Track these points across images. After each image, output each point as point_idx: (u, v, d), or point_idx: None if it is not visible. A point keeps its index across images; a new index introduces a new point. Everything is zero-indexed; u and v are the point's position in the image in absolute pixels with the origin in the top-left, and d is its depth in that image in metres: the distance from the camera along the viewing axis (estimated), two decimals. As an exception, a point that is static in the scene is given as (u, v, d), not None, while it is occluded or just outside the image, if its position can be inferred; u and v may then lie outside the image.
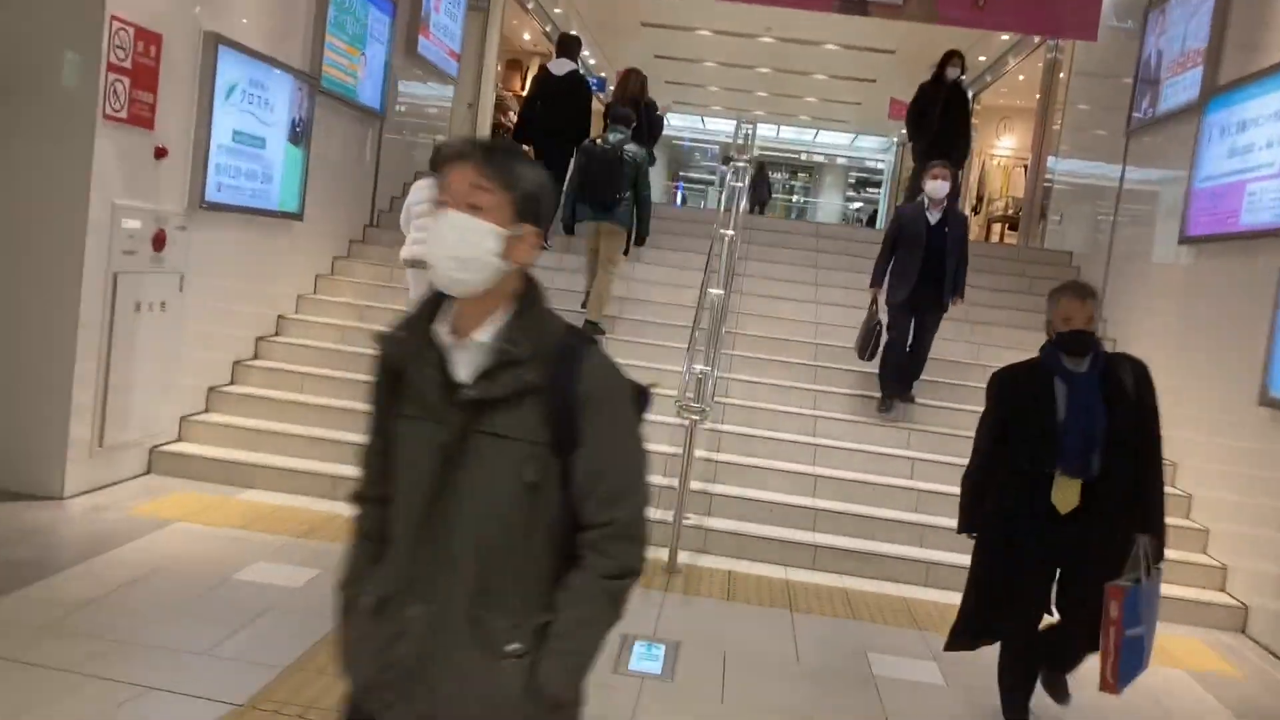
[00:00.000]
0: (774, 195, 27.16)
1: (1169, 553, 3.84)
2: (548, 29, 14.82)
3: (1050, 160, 11.47)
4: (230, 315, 6.77)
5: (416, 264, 6.67)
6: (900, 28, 14.31)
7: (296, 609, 4.26)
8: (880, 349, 7.04)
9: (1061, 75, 11.59)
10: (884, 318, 7.04)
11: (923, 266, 6.82)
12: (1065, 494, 3.49)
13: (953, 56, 9.07)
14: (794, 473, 6.48)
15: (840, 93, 19.99)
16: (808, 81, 19.23)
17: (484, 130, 12.37)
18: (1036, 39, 12.40)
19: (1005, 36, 13.33)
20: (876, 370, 7.20)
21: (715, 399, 6.88)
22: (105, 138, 5.19)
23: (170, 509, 5.44)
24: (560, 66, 8.87)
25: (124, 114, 5.28)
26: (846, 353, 7.66)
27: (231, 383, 6.82)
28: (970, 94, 8.96)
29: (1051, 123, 11.90)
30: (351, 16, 7.72)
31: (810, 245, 9.38)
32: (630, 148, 7.38)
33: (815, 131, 27.55)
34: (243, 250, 6.75)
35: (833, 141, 28.90)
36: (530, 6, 13.93)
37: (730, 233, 7.43)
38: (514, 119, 14.18)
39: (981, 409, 3.83)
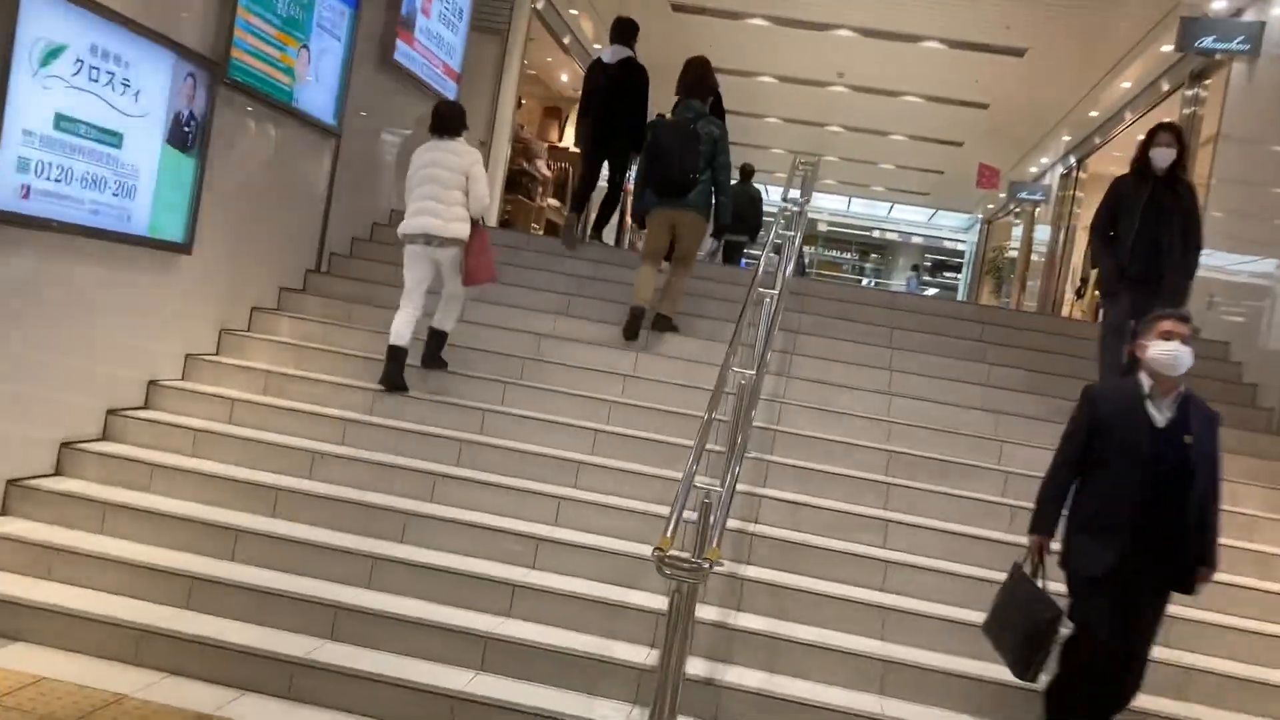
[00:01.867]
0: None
1: None
2: (590, 70, 13.08)
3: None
4: (58, 379, 4.79)
5: (415, 240, 5.56)
6: (1000, 74, 12.26)
7: None
8: (1061, 658, 3.77)
9: (1203, 139, 9.35)
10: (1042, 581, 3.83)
11: (1145, 508, 3.61)
12: None
13: (1161, 131, 5.81)
14: (852, 653, 4.23)
15: (920, 157, 17.91)
16: (884, 143, 17.20)
17: (498, 179, 10.49)
18: (1166, 86, 10.24)
19: (1127, 84, 11.17)
20: (1040, 687, 3.86)
21: (742, 527, 4.74)
22: None
23: None
24: (614, 54, 7.60)
25: None
26: (932, 466, 5.46)
27: (54, 473, 4.84)
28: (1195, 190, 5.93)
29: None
30: (288, -5, 5.91)
31: (883, 320, 7.21)
32: (704, 123, 6.34)
33: (890, 205, 25.50)
34: (83, 287, 4.81)
35: (908, 218, 26.77)
36: (566, 41, 12.19)
37: (772, 293, 5.37)
38: (540, 167, 12.51)
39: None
